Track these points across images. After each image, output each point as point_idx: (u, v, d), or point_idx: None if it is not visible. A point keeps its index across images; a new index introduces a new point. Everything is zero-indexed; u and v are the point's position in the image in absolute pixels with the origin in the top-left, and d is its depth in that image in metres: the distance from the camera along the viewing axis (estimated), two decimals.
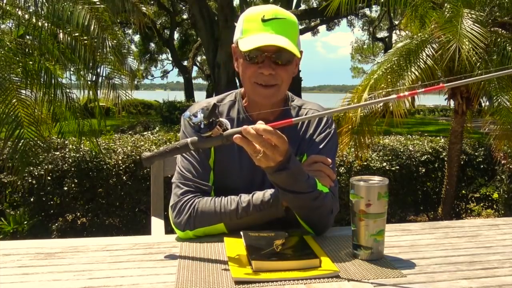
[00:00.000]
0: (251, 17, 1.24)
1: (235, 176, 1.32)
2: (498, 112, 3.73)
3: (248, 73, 1.25)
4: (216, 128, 1.03)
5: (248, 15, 1.26)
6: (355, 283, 0.94)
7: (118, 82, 4.10)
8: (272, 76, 1.23)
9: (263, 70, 1.22)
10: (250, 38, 1.20)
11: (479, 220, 1.45)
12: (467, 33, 3.43)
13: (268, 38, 1.18)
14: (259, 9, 1.25)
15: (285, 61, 1.23)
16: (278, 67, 1.23)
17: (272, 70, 1.22)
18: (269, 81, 1.24)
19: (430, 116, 24.13)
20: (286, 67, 1.25)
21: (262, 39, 1.18)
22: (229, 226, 1.22)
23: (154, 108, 19.64)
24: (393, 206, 4.26)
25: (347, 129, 3.99)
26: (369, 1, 4.83)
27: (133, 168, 3.76)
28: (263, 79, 1.23)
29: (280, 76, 1.24)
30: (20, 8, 3.83)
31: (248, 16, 1.25)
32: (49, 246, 1.16)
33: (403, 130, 5.35)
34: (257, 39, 1.19)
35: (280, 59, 1.22)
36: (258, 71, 1.23)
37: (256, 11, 1.25)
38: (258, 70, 1.23)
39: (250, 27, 1.23)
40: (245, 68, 1.26)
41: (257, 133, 1.02)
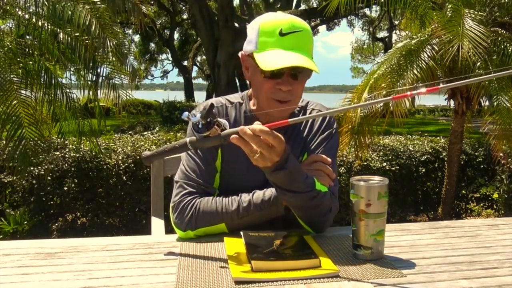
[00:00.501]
0: (268, 29, 1.20)
1: (242, 177, 1.31)
2: (497, 112, 3.73)
3: (265, 88, 1.22)
4: (214, 128, 1.03)
5: (264, 27, 1.21)
6: (355, 283, 0.94)
7: (118, 82, 4.10)
8: (289, 92, 1.22)
9: (282, 87, 1.20)
10: (270, 55, 1.17)
11: (479, 220, 1.45)
12: (469, 32, 3.43)
13: (289, 59, 1.16)
14: (275, 20, 1.21)
15: (304, 77, 1.23)
16: (295, 82, 1.22)
17: (290, 86, 1.21)
18: (287, 98, 1.22)
19: (430, 116, 24.13)
20: (303, 82, 1.24)
21: (283, 60, 1.15)
22: (230, 226, 1.23)
23: (154, 108, 19.64)
24: (393, 206, 4.26)
25: (347, 129, 3.99)
26: (369, 1, 4.83)
27: (133, 168, 3.76)
28: (281, 95, 1.22)
29: (296, 91, 1.23)
30: (20, 8, 3.83)
31: (264, 27, 1.21)
32: (49, 246, 1.16)
33: (403, 130, 5.35)
34: (278, 59, 1.16)
35: (299, 76, 1.21)
36: (276, 87, 1.21)
37: (272, 23, 1.20)
38: (276, 86, 1.21)
39: (267, 41, 1.19)
40: (262, 83, 1.23)
41: (253, 134, 1.02)
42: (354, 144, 4.01)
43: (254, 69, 1.24)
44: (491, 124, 3.87)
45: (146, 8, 5.11)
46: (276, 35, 1.18)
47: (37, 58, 3.67)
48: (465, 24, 3.51)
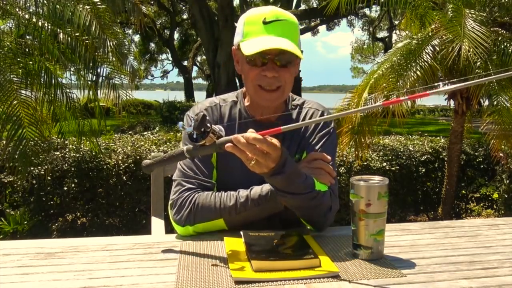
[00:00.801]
0: (252, 20, 1.23)
1: (238, 172, 1.30)
2: (497, 112, 3.73)
3: (251, 75, 1.24)
4: (210, 137, 1.04)
5: (248, 17, 1.24)
6: (355, 283, 0.94)
7: (118, 82, 4.10)
8: (275, 78, 1.22)
9: (267, 73, 1.21)
10: (252, 41, 1.19)
11: (479, 220, 1.45)
12: (470, 33, 3.43)
13: (271, 41, 1.17)
14: (259, 11, 1.24)
15: (288, 62, 1.23)
16: (281, 69, 1.22)
17: (275, 72, 1.21)
18: (273, 84, 1.23)
19: (430, 116, 24.13)
20: (289, 69, 1.24)
21: (264, 42, 1.17)
22: (229, 222, 1.23)
23: (154, 108, 19.63)
24: (393, 206, 4.26)
25: (347, 129, 3.99)
26: (369, 1, 4.83)
27: (133, 168, 3.76)
28: (267, 81, 1.23)
29: (283, 78, 1.24)
30: (20, 8, 3.83)
31: (249, 18, 1.24)
32: (49, 246, 1.16)
33: (403, 130, 5.35)
34: (259, 42, 1.17)
35: (283, 61, 1.22)
36: (262, 73, 1.22)
37: (257, 13, 1.23)
38: (261, 72, 1.22)
39: (252, 30, 1.22)
40: (248, 71, 1.25)
41: (247, 142, 1.02)
42: (354, 144, 4.01)
43: (242, 60, 1.26)
44: (491, 124, 3.87)
45: (146, 8, 5.12)
46: (260, 24, 1.20)
47: (37, 58, 3.67)
48: (466, 25, 3.51)
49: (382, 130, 4.28)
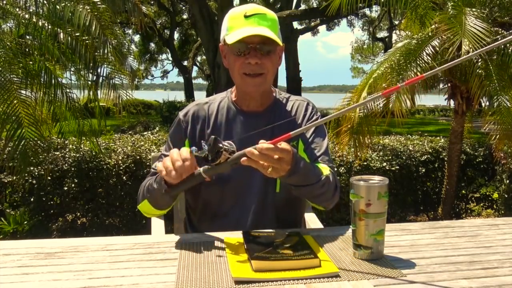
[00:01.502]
0: (234, 15, 1.35)
1: None
2: (498, 112, 3.72)
3: (237, 65, 1.34)
4: (223, 155, 1.07)
5: (231, 14, 1.36)
6: (355, 283, 0.94)
7: (118, 82, 4.10)
8: (258, 65, 1.32)
9: (250, 60, 1.31)
10: (235, 32, 1.31)
11: (479, 220, 1.45)
12: (472, 29, 3.42)
13: (251, 30, 1.29)
14: (241, 8, 1.36)
15: (268, 50, 1.33)
16: (263, 56, 1.32)
17: (258, 59, 1.31)
18: (256, 70, 1.33)
19: (430, 116, 24.13)
20: (271, 57, 1.34)
21: (246, 31, 1.28)
22: (151, 203, 1.29)
23: (154, 108, 19.63)
24: (393, 206, 4.26)
25: (346, 129, 3.98)
26: (369, 1, 4.83)
27: (133, 168, 3.76)
28: (251, 68, 1.33)
29: (265, 65, 1.34)
30: (20, 8, 3.83)
31: (232, 14, 1.36)
32: (49, 246, 1.16)
33: (403, 130, 5.34)
34: (241, 32, 1.29)
35: (264, 49, 1.32)
36: (245, 61, 1.33)
37: (238, 10, 1.35)
38: (245, 61, 1.33)
39: (234, 23, 1.33)
40: (233, 62, 1.35)
41: (261, 153, 1.06)
42: (354, 144, 4.01)
43: (229, 53, 1.37)
44: (492, 124, 3.86)
45: (146, 8, 5.11)
46: (241, 18, 1.33)
47: (37, 58, 3.67)
48: (467, 22, 3.50)
49: (382, 130, 4.28)
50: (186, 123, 1.43)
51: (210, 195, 1.40)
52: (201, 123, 1.42)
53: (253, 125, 1.39)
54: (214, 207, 1.41)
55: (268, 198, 1.39)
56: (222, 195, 1.39)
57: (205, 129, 1.42)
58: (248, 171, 1.26)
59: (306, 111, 1.46)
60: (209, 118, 1.43)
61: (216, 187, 1.37)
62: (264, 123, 1.39)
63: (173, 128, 1.46)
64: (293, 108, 1.46)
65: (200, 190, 1.40)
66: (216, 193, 1.38)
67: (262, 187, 1.38)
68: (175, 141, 1.42)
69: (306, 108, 1.46)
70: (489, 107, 3.97)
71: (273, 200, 1.39)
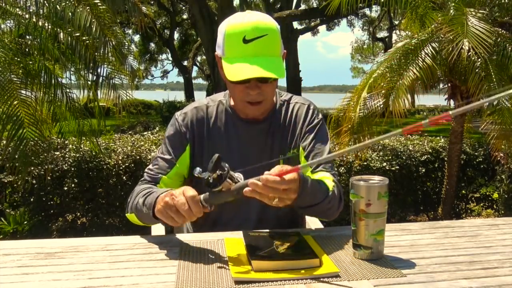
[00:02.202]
0: (233, 34, 1.23)
1: None
2: (497, 112, 3.72)
3: (236, 92, 1.29)
4: (227, 182, 1.02)
5: (229, 30, 1.24)
6: (355, 283, 0.94)
7: (118, 82, 4.10)
8: (259, 93, 1.27)
9: (250, 91, 1.26)
10: (235, 67, 1.21)
11: (479, 220, 1.45)
12: (473, 29, 3.42)
13: (252, 70, 1.19)
14: (240, 25, 1.22)
15: (269, 80, 1.26)
16: (263, 85, 1.26)
17: (258, 89, 1.26)
18: (257, 99, 1.28)
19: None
20: (271, 83, 1.29)
21: (247, 71, 1.19)
22: (139, 219, 1.28)
23: (154, 108, 19.64)
24: (393, 206, 4.26)
25: (346, 129, 3.98)
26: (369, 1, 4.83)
27: (133, 168, 3.76)
28: (251, 97, 1.28)
29: (265, 92, 1.28)
30: (20, 8, 3.83)
31: (230, 31, 1.24)
32: (49, 246, 1.16)
33: None
34: (242, 71, 1.20)
35: (265, 80, 1.25)
36: (245, 91, 1.27)
37: (236, 28, 1.23)
38: (245, 90, 1.26)
39: (232, 48, 1.23)
40: (233, 88, 1.30)
41: (265, 185, 1.01)
42: (354, 144, 4.01)
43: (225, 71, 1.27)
44: (491, 124, 3.86)
45: (146, 8, 5.10)
46: (239, 43, 1.21)
47: (37, 58, 3.67)
48: (468, 22, 3.50)
49: (382, 130, 4.27)
50: (185, 127, 1.38)
51: None
52: (200, 127, 1.38)
53: (252, 132, 1.37)
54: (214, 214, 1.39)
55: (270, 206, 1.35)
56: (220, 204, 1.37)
57: (204, 134, 1.38)
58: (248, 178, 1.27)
59: (307, 115, 1.41)
60: (208, 122, 1.39)
61: None
62: (263, 131, 1.38)
63: (172, 132, 1.39)
64: (293, 111, 1.41)
65: None
66: None
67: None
68: (175, 145, 1.37)
69: (306, 111, 1.41)
70: (488, 106, 3.96)
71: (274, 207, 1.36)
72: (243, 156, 1.34)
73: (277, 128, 1.39)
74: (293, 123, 1.40)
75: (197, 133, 1.37)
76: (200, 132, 1.38)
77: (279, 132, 1.38)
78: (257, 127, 1.38)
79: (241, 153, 1.36)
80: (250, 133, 1.37)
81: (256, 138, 1.38)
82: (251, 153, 1.36)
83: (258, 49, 1.21)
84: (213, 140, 1.37)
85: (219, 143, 1.36)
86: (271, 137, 1.38)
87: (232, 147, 1.36)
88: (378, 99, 3.94)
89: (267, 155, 1.36)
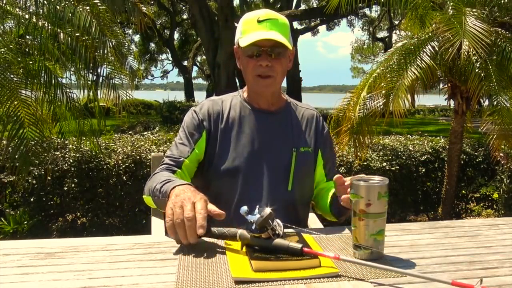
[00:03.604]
0: (248, 20, 1.44)
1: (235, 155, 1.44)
2: (497, 112, 3.72)
3: (250, 67, 1.44)
4: (268, 232, 1.05)
5: (245, 18, 1.46)
6: (355, 282, 0.94)
7: (118, 82, 4.10)
8: (269, 67, 1.42)
9: (261, 62, 1.41)
10: (248, 36, 1.40)
11: (479, 220, 1.45)
12: (471, 29, 3.42)
13: (262, 34, 1.38)
14: (255, 13, 1.45)
15: (278, 53, 1.42)
16: (274, 60, 1.42)
17: (268, 61, 1.41)
18: (267, 72, 1.43)
19: (430, 116, 24.14)
20: (281, 60, 1.43)
21: (257, 35, 1.38)
22: (155, 203, 1.33)
23: (154, 108, 19.65)
24: (393, 206, 4.26)
25: (346, 129, 3.98)
26: (369, 1, 4.83)
27: (133, 168, 3.76)
28: (262, 70, 1.42)
29: (275, 68, 1.43)
30: (20, 8, 3.83)
31: (245, 19, 1.46)
32: (49, 246, 1.16)
33: (403, 130, 5.34)
34: (253, 36, 1.39)
35: (275, 52, 1.41)
36: (257, 63, 1.42)
37: (252, 15, 1.45)
38: (257, 63, 1.42)
39: (248, 28, 1.43)
40: (246, 64, 1.45)
41: None
42: (354, 144, 4.01)
43: (242, 55, 1.46)
44: (491, 124, 3.86)
45: (146, 8, 5.10)
46: (254, 22, 1.42)
47: (37, 58, 3.67)
48: (467, 22, 3.50)
49: (382, 130, 4.28)
50: (203, 115, 1.49)
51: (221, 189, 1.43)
52: (215, 117, 1.49)
53: (265, 122, 1.49)
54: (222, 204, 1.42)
55: (279, 196, 1.43)
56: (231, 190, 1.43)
57: (219, 124, 1.48)
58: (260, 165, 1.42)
59: (318, 124, 1.57)
60: (223, 113, 1.50)
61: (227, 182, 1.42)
62: (276, 122, 1.51)
63: (190, 120, 1.50)
64: (304, 115, 1.57)
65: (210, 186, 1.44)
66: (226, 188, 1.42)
67: (274, 184, 1.42)
68: (193, 132, 1.47)
69: (317, 120, 1.58)
70: (488, 106, 3.96)
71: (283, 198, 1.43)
72: (253, 142, 1.46)
73: (288, 121, 1.53)
74: (305, 122, 1.55)
75: (213, 121, 1.48)
76: (215, 120, 1.49)
77: (290, 126, 1.52)
78: (269, 116, 1.51)
79: (253, 139, 1.46)
80: (262, 122, 1.49)
81: (268, 126, 1.49)
82: (262, 140, 1.47)
83: (270, 26, 1.41)
84: (227, 127, 1.48)
85: (232, 129, 1.48)
86: (282, 128, 1.51)
87: (245, 133, 1.47)
88: (378, 99, 3.94)
89: (278, 144, 1.48)
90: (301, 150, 1.49)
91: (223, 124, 1.48)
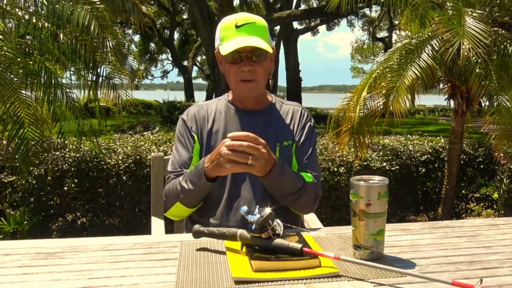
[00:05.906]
0: (226, 26, 1.43)
1: None
2: (497, 112, 3.72)
3: (232, 73, 1.44)
4: (268, 232, 1.05)
5: (223, 24, 1.44)
6: (355, 282, 0.94)
7: (118, 82, 4.10)
8: (251, 72, 1.41)
9: (243, 68, 1.41)
10: (228, 43, 1.39)
11: (479, 220, 1.45)
12: (470, 30, 3.42)
13: (242, 41, 1.37)
14: (232, 18, 1.43)
15: (259, 56, 1.41)
16: (255, 64, 1.41)
17: (250, 66, 1.41)
18: (249, 77, 1.42)
19: (430, 116, 24.14)
20: (262, 63, 1.43)
21: (237, 42, 1.37)
22: (183, 203, 1.39)
23: (154, 108, 19.64)
24: (393, 206, 4.26)
25: (346, 129, 3.98)
26: (369, 1, 4.83)
27: (133, 168, 3.76)
28: (245, 75, 1.42)
29: (257, 71, 1.43)
30: (20, 8, 3.83)
31: (224, 25, 1.44)
32: (49, 246, 1.16)
33: (403, 130, 5.34)
34: (233, 43, 1.37)
35: (255, 57, 1.41)
36: (239, 69, 1.42)
37: (230, 20, 1.43)
38: (239, 68, 1.42)
39: (226, 34, 1.42)
40: (229, 70, 1.45)
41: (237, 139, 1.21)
42: (354, 144, 4.01)
43: (224, 60, 1.45)
44: (492, 124, 3.86)
45: (146, 8, 5.10)
46: (232, 28, 1.41)
47: (37, 58, 3.66)
48: (466, 23, 3.50)
49: (382, 130, 4.27)
50: (190, 121, 1.53)
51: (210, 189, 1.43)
52: (202, 122, 1.52)
53: (251, 122, 1.49)
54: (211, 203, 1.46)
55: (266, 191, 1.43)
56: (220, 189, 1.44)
57: (206, 127, 1.51)
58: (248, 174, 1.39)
59: (302, 117, 1.56)
60: (208, 116, 1.53)
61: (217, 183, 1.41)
62: (261, 121, 1.51)
63: (181, 128, 1.54)
64: (288, 112, 1.56)
65: None
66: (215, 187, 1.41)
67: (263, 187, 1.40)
68: (187, 140, 1.50)
69: (301, 113, 1.56)
70: (489, 107, 3.96)
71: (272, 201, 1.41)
72: None
73: (272, 119, 1.53)
74: (290, 116, 1.55)
75: (200, 125, 1.52)
76: (202, 124, 1.52)
77: (274, 124, 1.52)
78: (254, 115, 1.52)
79: None
80: (247, 121, 1.51)
81: (253, 125, 1.48)
82: None
83: (248, 31, 1.40)
84: (213, 129, 1.51)
85: (219, 131, 1.50)
86: (266, 126, 1.51)
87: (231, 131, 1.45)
88: (378, 99, 3.93)
89: None
90: (285, 144, 1.49)
91: (209, 126, 1.51)
